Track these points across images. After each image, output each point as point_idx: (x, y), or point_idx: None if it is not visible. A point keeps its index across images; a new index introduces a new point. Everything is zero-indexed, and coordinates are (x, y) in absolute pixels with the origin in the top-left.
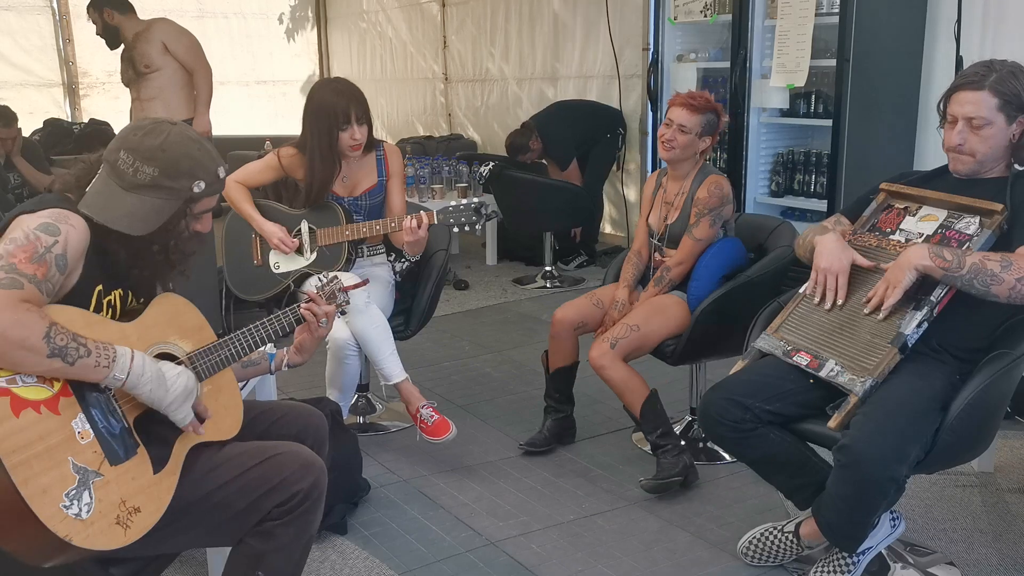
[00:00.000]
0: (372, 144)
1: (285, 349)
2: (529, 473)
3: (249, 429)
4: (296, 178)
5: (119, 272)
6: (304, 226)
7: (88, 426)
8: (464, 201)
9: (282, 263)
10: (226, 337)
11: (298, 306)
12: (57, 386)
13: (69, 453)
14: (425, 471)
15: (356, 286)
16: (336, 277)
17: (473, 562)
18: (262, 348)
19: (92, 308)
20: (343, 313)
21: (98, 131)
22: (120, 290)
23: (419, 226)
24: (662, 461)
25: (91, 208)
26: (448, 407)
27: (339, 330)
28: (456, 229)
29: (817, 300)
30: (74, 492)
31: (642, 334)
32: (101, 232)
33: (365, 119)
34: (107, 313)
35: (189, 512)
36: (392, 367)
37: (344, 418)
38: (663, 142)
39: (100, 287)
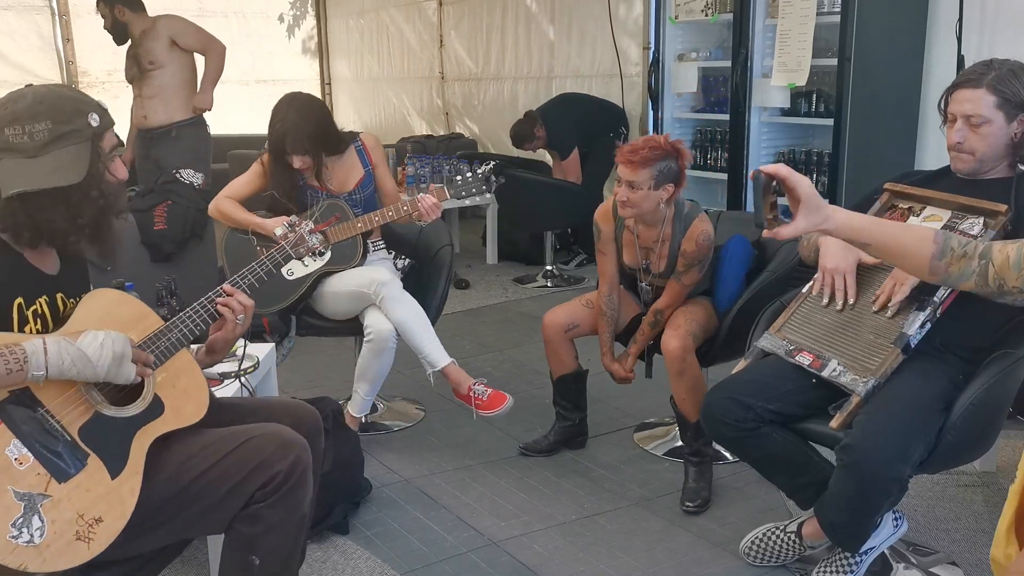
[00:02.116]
0: (345, 141)
1: (195, 349)
2: (531, 473)
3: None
4: None
5: (40, 276)
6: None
7: (25, 450)
8: (469, 174)
9: (295, 269)
10: (173, 319)
11: (212, 295)
12: None
13: (8, 483)
14: (427, 471)
15: (327, 224)
16: (308, 220)
17: (475, 562)
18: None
19: (16, 324)
20: (321, 254)
21: None
22: (46, 296)
23: (435, 206)
24: (703, 472)
25: (14, 187)
26: (449, 406)
27: (382, 322)
28: (468, 201)
29: (825, 301)
30: (21, 520)
31: (706, 328)
32: (31, 209)
33: (303, 149)
34: (36, 324)
35: (168, 505)
36: (437, 352)
37: (368, 413)
38: (620, 204)
39: (20, 300)
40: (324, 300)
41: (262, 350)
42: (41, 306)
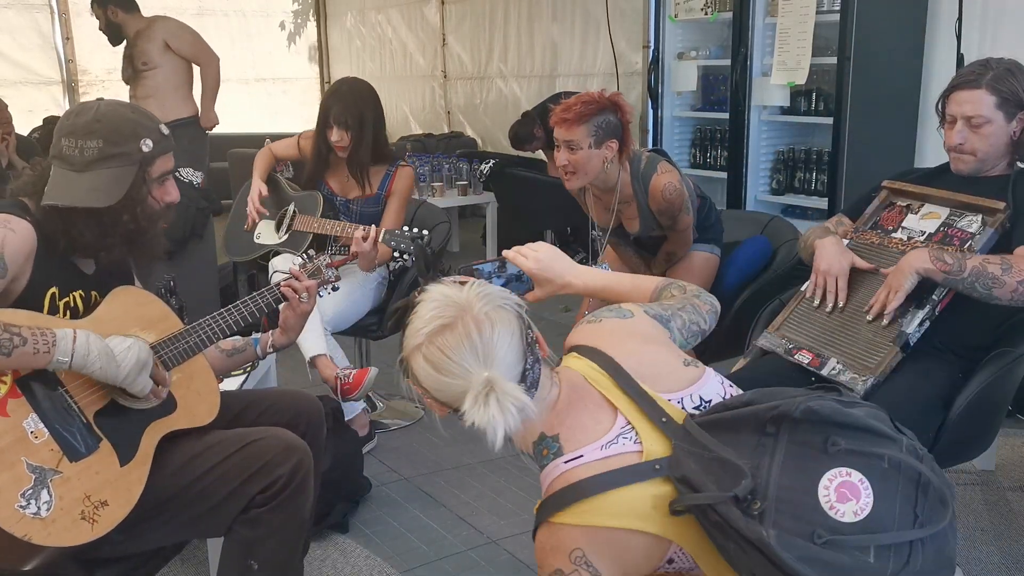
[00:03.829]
0: (386, 157)
1: (271, 333)
2: (530, 471)
3: (238, 419)
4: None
5: (78, 273)
6: (291, 208)
7: (42, 425)
8: (406, 230)
9: (263, 235)
10: (193, 324)
11: (277, 286)
12: (3, 389)
13: (22, 454)
14: (426, 469)
15: (344, 261)
16: (326, 254)
17: (475, 560)
18: (248, 336)
19: (46, 311)
20: (335, 289)
21: None
22: (81, 291)
23: (364, 238)
24: None
25: (52, 198)
26: None
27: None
28: (396, 254)
29: (817, 303)
30: (31, 492)
31: None
32: (64, 220)
33: (345, 124)
34: (64, 315)
35: (169, 503)
36: (309, 341)
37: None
38: (562, 169)
39: (54, 290)
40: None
41: None
42: (75, 299)
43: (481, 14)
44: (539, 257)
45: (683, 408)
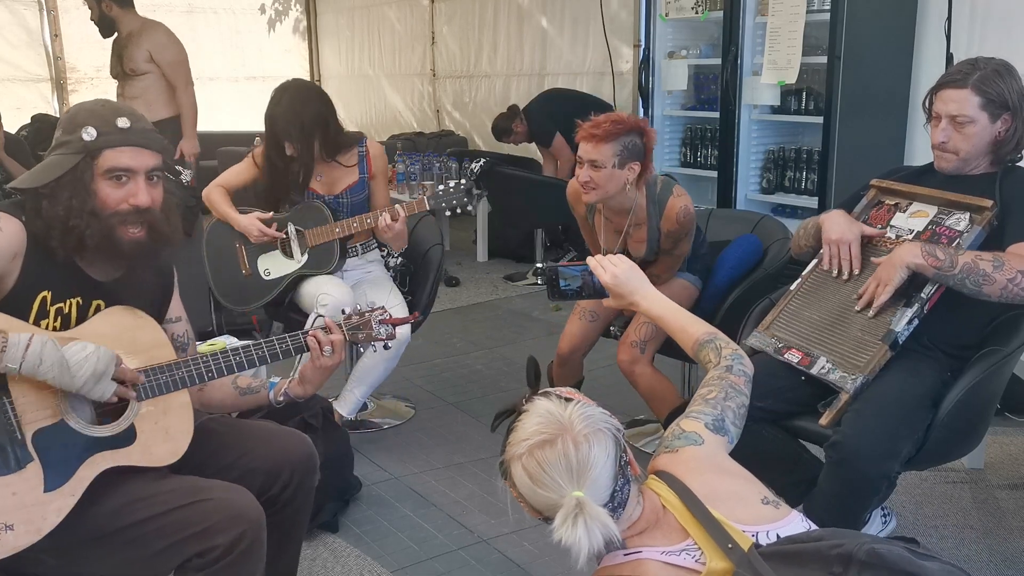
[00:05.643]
0: (350, 141)
1: (287, 380)
2: None
3: (212, 459)
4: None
5: (84, 280)
6: (291, 228)
7: None
8: (452, 183)
9: (272, 269)
10: (188, 358)
11: (302, 333)
12: None
13: None
14: (417, 468)
15: (405, 320)
16: (383, 307)
17: (465, 560)
18: (261, 377)
19: (33, 315)
20: (387, 347)
21: None
22: (79, 298)
23: (394, 220)
24: None
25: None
26: (439, 404)
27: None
28: (449, 212)
29: (835, 273)
30: None
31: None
32: (27, 210)
33: (291, 136)
34: (55, 322)
35: (104, 540)
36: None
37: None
38: (582, 185)
39: (46, 293)
40: (305, 299)
41: None
42: (69, 306)
43: (471, 12)
44: (616, 272)
45: (756, 540)
